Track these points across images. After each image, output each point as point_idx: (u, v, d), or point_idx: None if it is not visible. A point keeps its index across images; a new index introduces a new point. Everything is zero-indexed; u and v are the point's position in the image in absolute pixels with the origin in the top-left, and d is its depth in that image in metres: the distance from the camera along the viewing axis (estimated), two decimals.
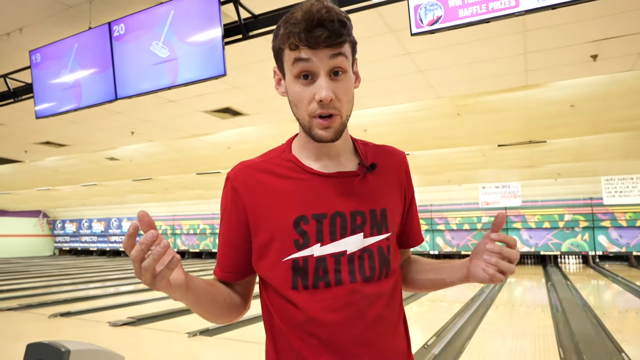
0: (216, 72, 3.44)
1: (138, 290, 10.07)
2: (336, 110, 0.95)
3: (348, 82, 0.98)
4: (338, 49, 0.93)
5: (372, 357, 0.97)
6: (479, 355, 4.57)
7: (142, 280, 0.82)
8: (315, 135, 0.97)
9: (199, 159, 10.34)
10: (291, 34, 0.92)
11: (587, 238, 15.07)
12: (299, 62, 0.93)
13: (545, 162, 10.99)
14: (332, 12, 0.91)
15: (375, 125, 7.57)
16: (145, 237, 0.79)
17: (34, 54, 4.39)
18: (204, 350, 4.90)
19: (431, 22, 2.92)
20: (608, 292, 9.81)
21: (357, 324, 0.96)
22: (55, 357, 1.94)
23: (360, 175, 1.04)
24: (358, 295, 0.97)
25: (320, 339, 0.96)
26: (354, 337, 0.96)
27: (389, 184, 1.07)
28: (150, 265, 0.80)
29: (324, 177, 1.01)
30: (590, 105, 6.44)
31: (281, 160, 1.05)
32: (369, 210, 1.01)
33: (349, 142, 1.08)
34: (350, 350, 0.96)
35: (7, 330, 6.11)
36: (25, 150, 8.98)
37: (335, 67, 0.94)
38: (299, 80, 0.95)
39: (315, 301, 0.96)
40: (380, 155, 1.10)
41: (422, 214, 17.12)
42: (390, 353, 1.01)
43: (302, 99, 0.96)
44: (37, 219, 25.61)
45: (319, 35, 0.90)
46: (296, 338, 0.97)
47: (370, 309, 0.98)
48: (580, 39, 4.21)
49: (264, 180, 1.02)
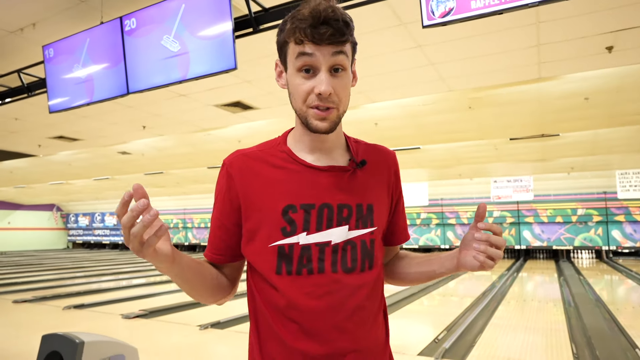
0: (227, 66, 3.45)
1: (150, 284, 10.18)
2: (333, 104, 1.00)
3: (346, 79, 1.02)
4: (340, 47, 0.98)
5: (349, 345, 1.01)
6: (490, 349, 4.55)
7: (130, 247, 0.86)
8: (311, 125, 1.01)
9: (209, 153, 10.39)
10: (297, 29, 0.97)
11: (601, 233, 14.89)
12: (303, 56, 0.98)
13: (558, 156, 10.86)
14: (337, 12, 0.97)
15: (386, 118, 7.53)
16: (137, 205, 0.83)
17: (47, 49, 4.42)
18: (215, 343, 4.95)
19: (443, 14, 2.89)
20: (622, 288, 9.70)
21: (337, 312, 1.00)
22: (70, 348, 1.96)
23: (350, 171, 1.08)
24: (339, 285, 1.01)
25: (299, 324, 1.00)
26: (333, 324, 1.00)
27: (377, 181, 1.12)
28: (139, 231, 0.84)
29: (315, 170, 1.06)
30: (604, 98, 6.34)
31: (276, 151, 1.10)
32: (356, 204, 1.06)
33: (341, 139, 1.13)
34: (328, 337, 1.00)
35: (23, 322, 6.21)
36: (39, 144, 9.09)
37: (336, 64, 0.99)
38: (300, 73, 1.00)
39: (297, 287, 1.00)
40: (371, 153, 1.15)
41: (433, 207, 17.05)
42: (367, 342, 1.04)
43: (301, 91, 1.00)
44: (51, 213, 25.96)
45: (323, 32, 0.95)
46: (277, 322, 1.02)
47: (350, 298, 1.02)
48: (596, 30, 4.13)
49: (258, 169, 1.07)
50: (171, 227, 22.48)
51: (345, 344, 1.01)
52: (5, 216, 23.81)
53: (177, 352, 4.61)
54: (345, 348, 1.01)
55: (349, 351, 1.01)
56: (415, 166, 12.15)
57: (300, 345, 1.00)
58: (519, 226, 16.10)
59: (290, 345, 1.00)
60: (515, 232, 16.13)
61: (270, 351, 1.03)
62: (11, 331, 5.62)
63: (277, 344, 1.02)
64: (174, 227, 22.35)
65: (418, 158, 10.85)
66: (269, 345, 1.04)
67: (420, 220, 17.53)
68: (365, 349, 1.04)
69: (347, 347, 1.01)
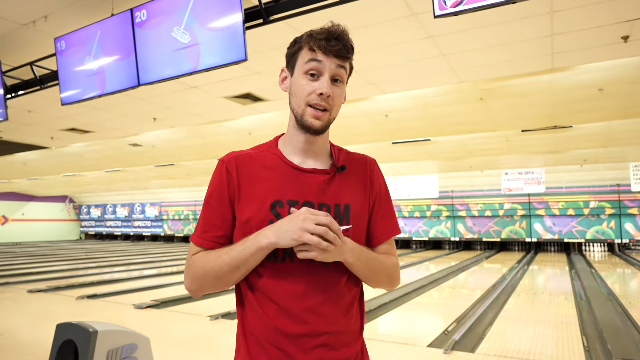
0: (237, 58, 3.44)
1: (161, 274, 10.29)
2: (329, 106, 1.17)
3: (342, 90, 1.21)
4: (343, 62, 1.18)
5: (323, 327, 1.14)
6: (500, 342, 4.54)
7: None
8: (306, 122, 1.18)
9: (220, 145, 10.42)
10: (313, 39, 1.16)
11: (613, 225, 14.72)
12: (312, 62, 1.16)
13: (570, 148, 10.73)
14: (347, 35, 1.19)
15: (396, 110, 7.49)
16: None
17: (58, 42, 4.45)
18: (225, 333, 4.99)
19: (455, 3, 2.85)
20: (634, 281, 9.60)
21: (312, 297, 1.14)
22: (84, 337, 1.99)
23: (330, 174, 1.23)
24: (316, 274, 1.15)
25: (278, 304, 1.14)
26: (309, 307, 1.13)
27: (354, 185, 1.25)
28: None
29: (300, 171, 1.21)
30: (619, 89, 6.23)
31: (268, 153, 1.25)
32: (334, 204, 1.20)
33: (327, 146, 1.29)
34: (304, 318, 1.13)
35: (37, 311, 6.32)
36: (51, 136, 9.18)
37: (337, 74, 1.18)
38: (306, 76, 1.17)
39: (280, 274, 1.15)
40: (351, 160, 1.29)
41: (443, 200, 16.98)
42: (340, 326, 1.17)
43: (305, 90, 1.17)
44: (63, 204, 26.29)
45: (333, 45, 1.15)
46: (259, 301, 1.16)
47: (325, 286, 1.16)
48: (611, 20, 4.05)
49: (252, 168, 1.22)
50: (182, 219, 22.65)
51: (318, 327, 1.13)
52: (19, 207, 24.17)
53: (188, 341, 4.66)
54: (319, 330, 1.13)
55: (323, 332, 1.14)
56: (426, 158, 12.08)
57: (278, 324, 1.13)
58: (530, 219, 15.97)
59: (269, 322, 1.14)
60: (526, 224, 16.01)
61: (251, 326, 1.17)
62: (26, 320, 5.73)
63: (258, 320, 1.16)
64: (185, 219, 22.51)
65: (428, 150, 10.79)
66: (250, 320, 1.17)
67: (430, 213, 17.47)
68: (338, 332, 1.16)
69: (321, 329, 1.14)
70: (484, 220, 16.73)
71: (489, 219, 16.66)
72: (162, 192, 22.36)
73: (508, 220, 16.36)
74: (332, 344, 1.15)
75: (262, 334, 1.14)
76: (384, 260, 1.26)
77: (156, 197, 23.36)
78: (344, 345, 1.17)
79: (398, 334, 4.95)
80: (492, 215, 16.58)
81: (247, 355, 1.17)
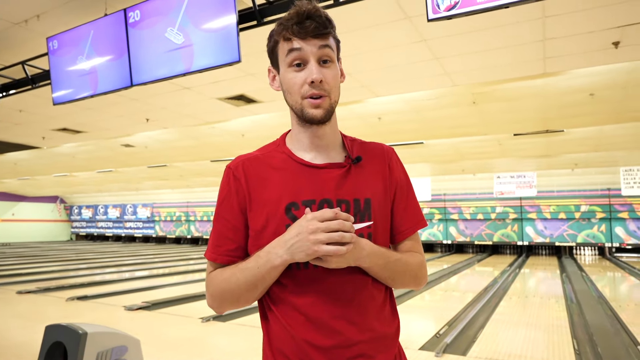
0: (231, 59, 3.44)
1: (153, 276, 10.23)
2: (325, 92, 1.07)
3: (335, 70, 1.10)
4: (325, 40, 1.07)
5: (356, 335, 1.04)
6: (492, 345, 4.56)
7: None
8: (307, 114, 1.08)
9: (213, 146, 10.39)
10: (284, 27, 1.07)
11: (604, 229, 14.85)
12: (292, 52, 1.07)
13: (562, 152, 10.81)
14: (320, 10, 1.07)
15: (389, 113, 7.51)
16: None
17: (51, 41, 4.42)
18: (217, 335, 4.97)
19: (448, 7, 2.87)
20: (624, 285, 9.68)
21: (341, 303, 1.05)
22: (73, 339, 1.98)
23: (346, 167, 1.13)
24: (341, 278, 1.06)
25: (306, 316, 1.04)
26: (338, 315, 1.04)
27: (373, 177, 1.15)
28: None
29: (313, 168, 1.12)
30: (610, 94, 6.30)
31: (276, 152, 1.16)
32: (353, 199, 1.10)
33: (338, 137, 1.18)
34: (334, 327, 1.04)
35: (27, 312, 6.26)
36: (43, 136, 9.11)
37: (324, 55, 1.07)
38: (292, 68, 1.08)
39: (303, 281, 1.06)
40: (366, 150, 1.19)
41: (435, 203, 17.03)
42: (374, 333, 1.07)
43: (295, 84, 1.07)
44: (54, 205, 26.07)
45: (307, 25, 1.04)
46: (285, 316, 1.07)
47: (353, 290, 1.06)
48: (602, 25, 4.10)
49: (261, 171, 1.13)
50: (174, 220, 22.54)
51: (351, 335, 1.04)
52: (9, 208, 23.93)
53: (179, 343, 4.63)
54: (351, 339, 1.04)
55: (356, 342, 1.04)
56: (419, 161, 12.13)
57: (308, 337, 1.03)
58: (521, 222, 16.06)
59: (298, 337, 1.04)
60: (518, 228, 16.10)
61: (279, 345, 1.07)
62: (15, 322, 5.66)
63: (286, 338, 1.06)
64: (177, 220, 22.40)
65: (421, 153, 10.83)
66: (278, 339, 1.08)
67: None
68: (372, 340, 1.07)
69: (354, 337, 1.04)
70: (476, 224, 16.81)
71: (481, 222, 16.73)
72: (154, 193, 22.25)
73: (500, 223, 16.45)
74: (368, 353, 1.06)
75: (291, 350, 1.05)
76: (408, 260, 1.15)
77: (148, 198, 23.23)
78: (381, 352, 1.08)
79: None
80: (484, 219, 16.65)
81: None
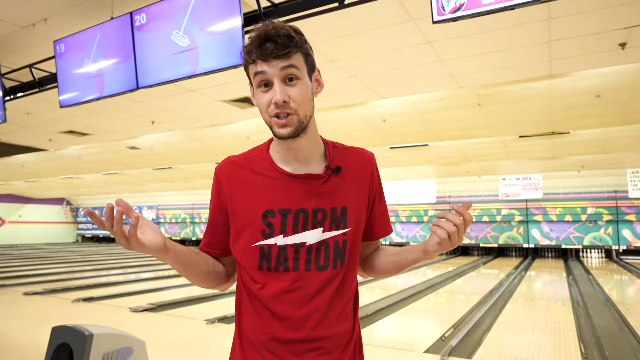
0: (236, 61, 3.45)
1: (158, 278, 10.26)
2: (291, 110, 1.09)
3: (302, 86, 1.11)
4: (287, 60, 1.08)
5: (317, 333, 1.13)
6: (497, 348, 4.53)
7: (121, 244, 1.02)
8: (276, 133, 1.12)
9: (218, 149, 10.42)
10: (247, 51, 1.10)
11: (611, 232, 14.74)
12: (258, 75, 1.10)
13: (568, 154, 10.76)
14: (279, 29, 1.07)
15: (394, 115, 7.50)
16: (105, 211, 0.97)
17: (58, 44, 4.45)
18: (221, 337, 4.97)
19: (453, 9, 2.87)
20: (632, 288, 9.61)
21: (307, 304, 1.13)
22: (79, 340, 1.98)
23: (325, 178, 1.18)
24: (310, 281, 1.14)
25: (273, 312, 1.14)
26: (303, 314, 1.13)
27: (353, 184, 1.21)
28: (116, 229, 0.99)
29: (292, 178, 1.17)
30: (617, 96, 6.26)
31: (259, 159, 1.22)
32: (330, 208, 1.16)
33: (320, 146, 1.22)
34: (298, 325, 1.13)
35: (33, 314, 6.29)
36: (49, 139, 9.17)
37: (287, 75, 1.09)
38: (260, 89, 1.12)
39: (275, 282, 1.14)
40: (349, 157, 1.24)
41: (440, 205, 16.98)
42: (334, 330, 1.16)
43: (263, 104, 1.12)
44: (60, 207, 26.22)
45: (266, 48, 1.06)
46: (256, 307, 1.17)
47: (320, 293, 1.14)
48: (609, 26, 4.08)
49: (243, 176, 1.20)
50: (179, 222, 22.60)
51: (313, 332, 1.13)
52: (16, 209, 24.09)
53: (184, 345, 4.64)
54: (313, 335, 1.13)
55: (317, 338, 1.14)
56: (424, 163, 12.10)
57: (273, 329, 1.14)
58: (527, 224, 15.99)
59: (264, 327, 1.15)
60: (524, 230, 16.03)
61: (247, 333, 1.18)
62: (22, 323, 5.70)
63: (253, 324, 1.17)
64: (182, 222, 22.46)
65: (426, 155, 10.81)
66: (246, 324, 1.19)
67: (427, 218, 17.47)
68: (332, 336, 1.16)
69: (315, 334, 1.13)
70: (481, 226, 16.75)
71: (486, 225, 16.67)
72: (160, 195, 22.33)
73: (505, 225, 16.37)
74: (327, 347, 1.15)
75: (256, 338, 1.16)
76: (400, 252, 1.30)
77: (153, 200, 23.32)
78: (338, 347, 1.17)
79: (395, 340, 4.94)
80: (489, 221, 16.59)
81: (241, 357, 1.19)
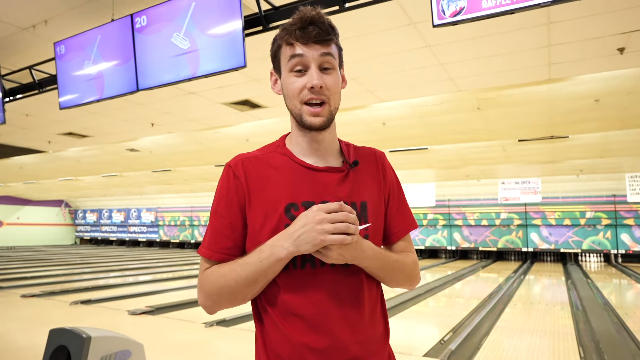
0: (236, 64, 3.45)
1: (156, 280, 10.23)
2: (325, 98, 1.09)
3: (336, 77, 1.12)
4: (326, 47, 1.08)
5: (352, 337, 1.06)
6: (496, 352, 4.52)
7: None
8: (305, 122, 1.10)
9: (217, 151, 10.42)
10: (287, 32, 1.09)
11: (610, 236, 14.75)
12: (294, 58, 1.08)
13: (567, 158, 10.78)
14: (323, 17, 1.09)
15: (393, 118, 7.51)
16: None
17: (58, 46, 4.45)
18: (220, 340, 4.96)
19: (454, 13, 2.88)
20: (631, 292, 9.60)
21: (338, 304, 1.06)
22: (77, 343, 1.98)
23: (344, 172, 1.15)
24: (338, 279, 1.08)
25: (302, 317, 1.05)
26: (335, 316, 1.05)
27: (368, 181, 1.19)
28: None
29: (313, 170, 1.13)
30: (615, 100, 6.28)
31: (276, 154, 1.17)
32: (351, 202, 1.12)
33: (336, 143, 1.21)
34: (331, 329, 1.04)
35: (31, 316, 6.27)
36: (48, 140, 9.16)
37: (325, 62, 1.09)
38: (293, 74, 1.09)
39: (300, 281, 1.06)
40: (361, 155, 1.22)
41: (439, 208, 16.99)
42: (368, 334, 1.09)
43: (295, 89, 1.09)
44: (59, 209, 26.17)
45: (310, 31, 1.06)
46: (280, 318, 1.06)
47: (349, 291, 1.08)
48: (608, 31, 4.09)
49: (261, 170, 1.13)
50: (178, 225, 22.57)
51: (347, 336, 1.05)
52: (14, 211, 24.04)
53: (182, 348, 4.62)
54: (348, 340, 1.05)
55: (352, 343, 1.06)
56: (423, 166, 12.11)
57: (304, 339, 1.04)
58: (526, 228, 15.98)
59: (294, 340, 1.04)
60: (523, 234, 16.02)
61: (274, 347, 1.07)
62: (19, 325, 5.67)
63: (282, 340, 1.06)
64: (181, 225, 22.43)
65: (426, 158, 10.82)
66: (273, 341, 1.07)
67: (426, 221, 17.47)
68: (366, 341, 1.09)
69: (350, 339, 1.06)
70: (480, 230, 16.74)
71: (485, 228, 16.66)
72: (159, 198, 22.30)
73: (504, 229, 16.37)
74: (361, 356, 1.07)
75: (288, 354, 1.05)
76: (404, 260, 1.19)
77: (152, 203, 23.29)
78: (373, 354, 1.10)
79: (394, 343, 4.89)
80: (488, 225, 16.59)
81: None
